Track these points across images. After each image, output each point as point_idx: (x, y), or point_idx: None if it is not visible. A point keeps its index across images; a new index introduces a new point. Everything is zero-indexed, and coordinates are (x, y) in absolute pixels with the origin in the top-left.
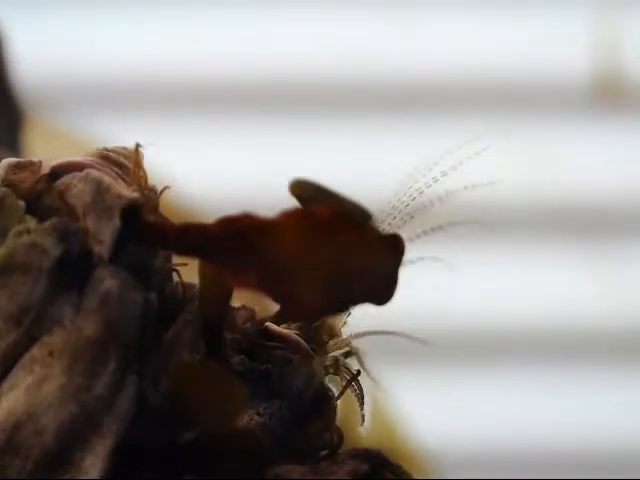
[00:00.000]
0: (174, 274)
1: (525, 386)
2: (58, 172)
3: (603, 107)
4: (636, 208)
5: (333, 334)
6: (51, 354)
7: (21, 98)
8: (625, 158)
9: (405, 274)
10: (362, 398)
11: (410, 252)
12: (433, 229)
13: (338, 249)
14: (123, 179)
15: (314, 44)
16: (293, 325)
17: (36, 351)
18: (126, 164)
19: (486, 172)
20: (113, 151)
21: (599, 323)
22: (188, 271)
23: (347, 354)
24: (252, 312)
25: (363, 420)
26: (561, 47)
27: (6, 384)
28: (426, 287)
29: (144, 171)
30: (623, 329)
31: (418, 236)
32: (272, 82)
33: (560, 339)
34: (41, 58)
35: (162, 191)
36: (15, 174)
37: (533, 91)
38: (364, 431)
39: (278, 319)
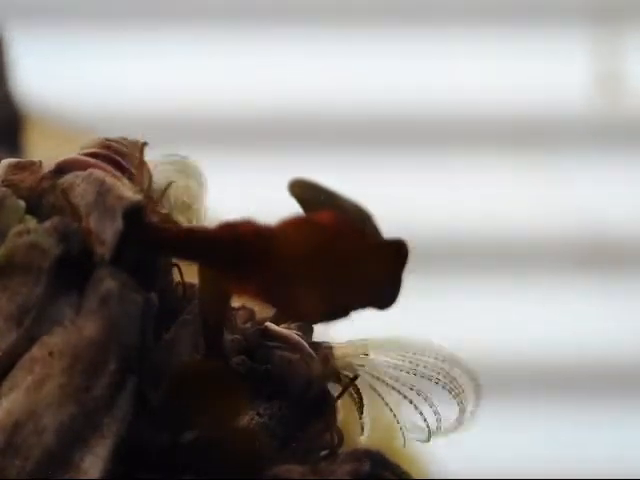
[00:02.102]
0: (175, 274)
1: (531, 418)
2: (63, 169)
3: (604, 142)
4: None
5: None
6: (51, 354)
7: (21, 99)
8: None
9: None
10: (361, 401)
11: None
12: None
13: (339, 255)
14: (127, 171)
15: (326, 79)
16: (293, 325)
17: (36, 351)
18: (128, 153)
19: (496, 206)
20: (114, 141)
21: (614, 356)
22: (188, 271)
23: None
24: (252, 312)
25: (362, 427)
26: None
27: (6, 384)
28: (436, 317)
29: (148, 169)
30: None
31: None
32: (281, 117)
33: (574, 372)
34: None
35: (165, 190)
36: (15, 174)
37: (545, 126)
38: (364, 432)
39: (278, 319)
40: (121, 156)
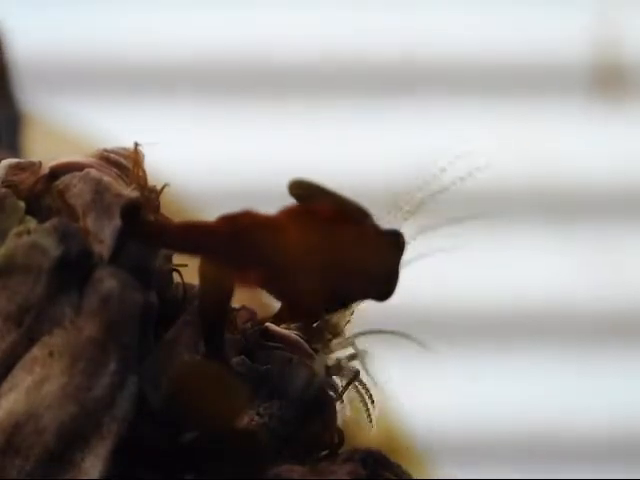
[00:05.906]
0: (175, 274)
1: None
2: (57, 172)
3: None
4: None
5: (336, 333)
6: (51, 354)
7: (21, 98)
8: (614, 143)
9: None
10: (369, 397)
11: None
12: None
13: (338, 245)
14: (123, 180)
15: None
16: (293, 325)
17: (36, 351)
18: (126, 165)
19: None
20: (113, 152)
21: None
22: (188, 271)
23: (351, 356)
24: (252, 312)
25: (370, 420)
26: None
27: (6, 384)
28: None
29: (143, 170)
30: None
31: (422, 231)
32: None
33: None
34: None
35: (161, 189)
36: (15, 175)
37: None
38: (367, 431)
39: (278, 319)
40: (118, 166)
